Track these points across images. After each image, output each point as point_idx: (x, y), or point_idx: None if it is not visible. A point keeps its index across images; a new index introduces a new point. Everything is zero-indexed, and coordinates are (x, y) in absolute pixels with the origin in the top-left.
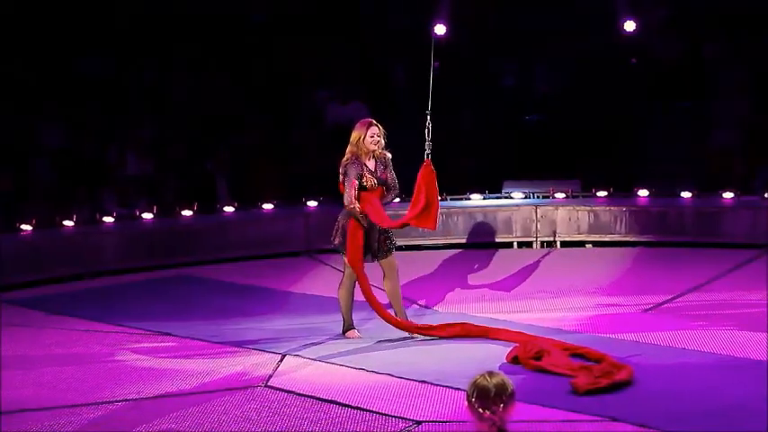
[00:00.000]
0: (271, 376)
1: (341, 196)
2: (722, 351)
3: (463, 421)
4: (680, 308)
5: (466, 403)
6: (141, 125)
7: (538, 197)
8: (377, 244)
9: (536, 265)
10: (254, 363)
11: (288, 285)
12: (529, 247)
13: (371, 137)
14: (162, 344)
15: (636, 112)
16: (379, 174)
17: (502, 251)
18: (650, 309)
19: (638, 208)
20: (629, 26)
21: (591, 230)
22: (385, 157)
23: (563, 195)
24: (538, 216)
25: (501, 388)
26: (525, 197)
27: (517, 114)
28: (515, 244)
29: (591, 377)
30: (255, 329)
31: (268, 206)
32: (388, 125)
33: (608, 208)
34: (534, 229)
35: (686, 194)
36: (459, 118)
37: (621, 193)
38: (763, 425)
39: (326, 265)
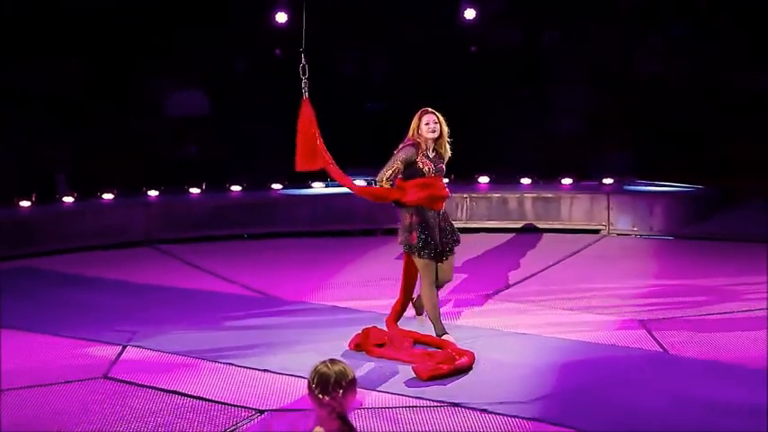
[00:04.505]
0: (111, 367)
1: (182, 184)
2: (562, 336)
3: (305, 409)
4: (520, 293)
5: (307, 391)
6: None
7: None
8: (442, 240)
9: (378, 252)
10: (94, 354)
11: (128, 276)
12: (372, 235)
13: (426, 124)
14: None
15: (477, 99)
16: (438, 165)
17: (344, 239)
18: (491, 294)
19: (478, 195)
20: (470, 14)
21: None
22: (443, 158)
23: None
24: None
25: (341, 375)
26: (368, 185)
27: (358, 103)
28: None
29: (433, 363)
30: (95, 321)
31: (108, 196)
32: (228, 113)
33: (449, 195)
34: (376, 217)
35: (526, 181)
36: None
37: (462, 180)
38: (600, 405)
39: (167, 254)
